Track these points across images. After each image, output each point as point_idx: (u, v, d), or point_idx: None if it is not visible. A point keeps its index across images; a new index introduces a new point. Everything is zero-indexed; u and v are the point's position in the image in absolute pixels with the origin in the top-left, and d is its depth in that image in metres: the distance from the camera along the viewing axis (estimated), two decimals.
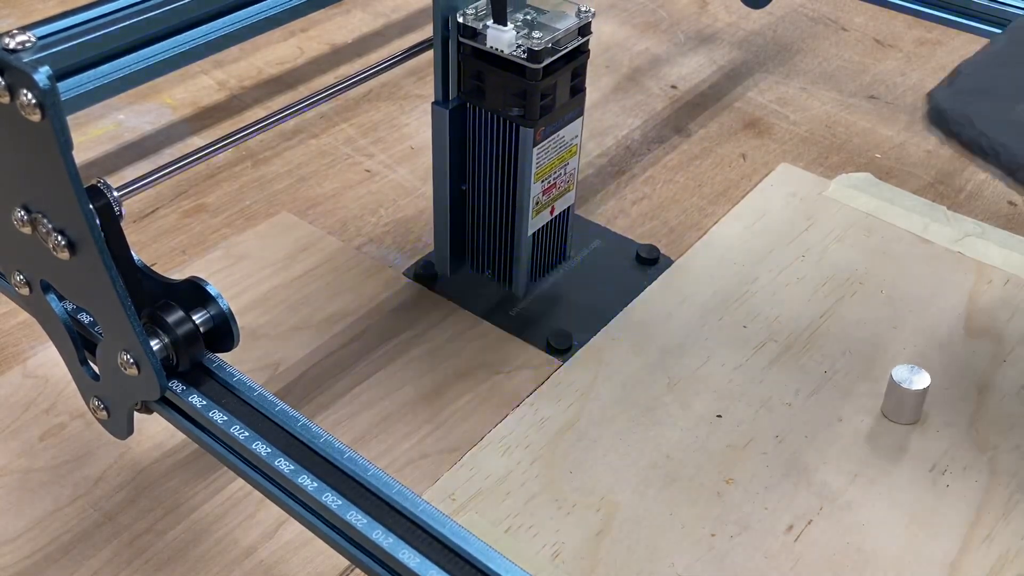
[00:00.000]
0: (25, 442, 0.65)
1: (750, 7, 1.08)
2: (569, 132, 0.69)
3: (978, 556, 0.60)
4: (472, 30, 0.65)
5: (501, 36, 0.63)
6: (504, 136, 0.67)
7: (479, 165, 0.70)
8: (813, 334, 0.73)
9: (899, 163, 0.92)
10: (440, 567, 0.42)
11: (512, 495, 0.62)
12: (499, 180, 0.70)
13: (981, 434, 0.67)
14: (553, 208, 0.72)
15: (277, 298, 0.76)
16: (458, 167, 0.71)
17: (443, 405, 0.68)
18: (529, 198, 0.69)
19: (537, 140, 0.66)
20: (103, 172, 0.88)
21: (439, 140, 0.70)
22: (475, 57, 0.66)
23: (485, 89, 0.67)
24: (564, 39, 0.65)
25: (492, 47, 0.64)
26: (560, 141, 0.69)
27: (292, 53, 1.05)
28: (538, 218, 0.71)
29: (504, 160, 0.69)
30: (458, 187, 0.72)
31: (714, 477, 0.63)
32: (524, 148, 0.67)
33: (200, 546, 0.59)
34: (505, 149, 0.68)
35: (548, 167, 0.69)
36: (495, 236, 0.73)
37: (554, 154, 0.69)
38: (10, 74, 0.39)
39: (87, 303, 0.48)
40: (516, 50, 0.63)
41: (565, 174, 0.71)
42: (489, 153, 0.69)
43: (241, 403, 0.49)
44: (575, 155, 0.71)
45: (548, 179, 0.69)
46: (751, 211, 0.85)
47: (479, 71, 0.66)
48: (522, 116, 0.66)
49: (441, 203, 0.73)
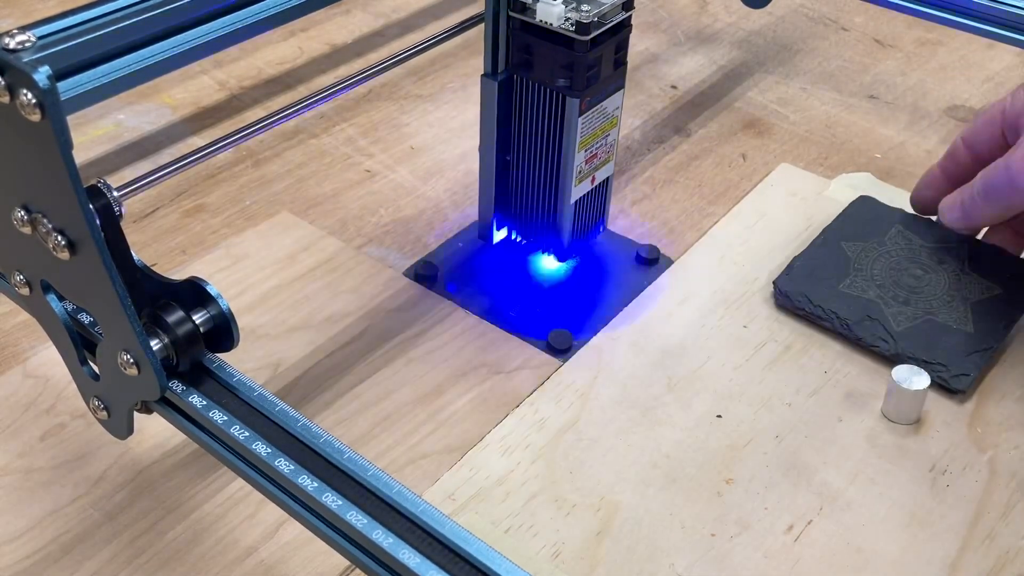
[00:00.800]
0: (25, 442, 0.65)
1: (750, 7, 1.08)
2: (611, 103, 0.71)
3: (978, 556, 0.60)
4: (522, 4, 0.67)
5: (551, 9, 0.65)
6: (550, 107, 0.70)
7: (524, 135, 0.72)
8: (813, 334, 0.73)
9: (899, 163, 0.92)
10: (440, 567, 0.42)
11: (512, 495, 0.62)
12: (544, 150, 0.72)
13: (981, 434, 0.67)
14: (594, 177, 0.74)
15: (277, 298, 0.76)
16: (504, 139, 0.73)
17: (443, 405, 0.68)
18: (573, 166, 0.71)
19: (582, 110, 0.69)
20: (103, 172, 0.88)
21: (487, 112, 0.72)
22: (523, 30, 0.68)
23: (533, 61, 0.69)
24: (610, 12, 0.67)
25: (541, 20, 0.66)
26: (603, 112, 0.71)
27: (292, 53, 1.05)
28: (580, 186, 0.73)
29: (549, 130, 0.71)
30: (503, 158, 0.74)
31: (714, 477, 0.63)
32: (570, 118, 0.69)
33: (200, 546, 0.59)
34: (551, 119, 0.70)
35: (591, 137, 0.71)
36: (539, 205, 0.75)
37: (597, 124, 0.71)
38: (10, 74, 0.39)
39: (87, 303, 0.48)
40: (564, 23, 0.66)
41: (606, 144, 0.73)
42: (535, 124, 0.71)
43: (241, 403, 0.49)
44: (616, 126, 0.73)
45: (591, 148, 0.72)
46: (751, 211, 0.85)
47: (527, 44, 0.68)
48: (568, 87, 0.68)
49: (487, 174, 0.75)
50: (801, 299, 0.74)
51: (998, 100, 0.75)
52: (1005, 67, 1.07)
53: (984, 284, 0.74)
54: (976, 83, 1.04)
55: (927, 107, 1.00)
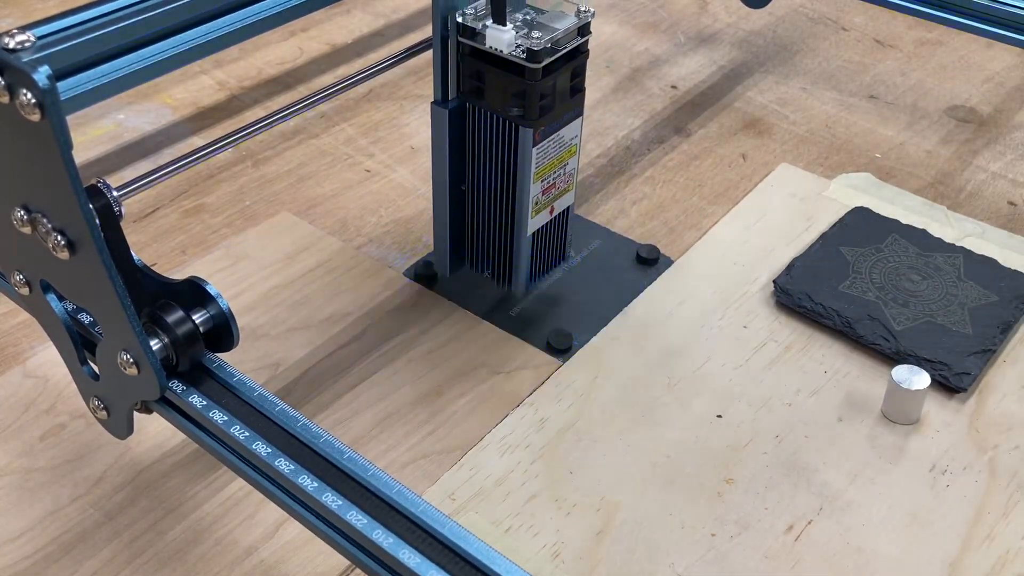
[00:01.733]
0: (25, 442, 0.65)
1: (750, 7, 1.08)
2: (568, 132, 0.69)
3: (978, 556, 0.60)
4: (472, 30, 0.65)
5: (501, 36, 0.63)
6: (503, 136, 0.67)
7: (478, 165, 0.70)
8: (813, 334, 0.73)
9: (899, 163, 0.92)
10: (440, 567, 0.42)
11: (512, 495, 0.62)
12: (499, 180, 0.70)
13: (981, 434, 0.67)
14: (552, 208, 0.72)
15: (277, 298, 0.76)
16: (457, 167, 0.71)
17: (443, 405, 0.68)
18: (528, 198, 0.69)
19: (536, 140, 0.66)
20: (103, 172, 0.88)
21: (439, 140, 0.70)
22: (474, 57, 0.66)
23: (484, 89, 0.67)
24: (563, 39, 0.64)
25: (491, 47, 0.64)
26: (559, 141, 0.69)
27: (292, 53, 1.05)
28: (537, 218, 0.71)
29: (503, 160, 0.69)
30: (458, 187, 0.72)
31: (714, 477, 0.63)
32: (523, 148, 0.67)
33: (200, 546, 0.59)
34: (504, 149, 0.68)
35: (547, 167, 0.69)
36: (495, 236, 0.73)
37: (553, 154, 0.69)
38: (10, 74, 0.39)
39: (87, 303, 0.48)
40: (515, 50, 0.63)
41: (564, 174, 0.71)
42: (488, 153, 0.69)
43: (241, 403, 0.49)
44: (575, 155, 0.71)
45: (548, 179, 0.69)
46: (751, 211, 0.85)
47: (478, 71, 0.66)
48: (521, 116, 0.66)
49: (441, 203, 0.73)
50: (802, 297, 0.74)
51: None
52: (1005, 67, 1.07)
53: (980, 291, 0.75)
54: (976, 83, 1.04)
55: (927, 107, 1.00)
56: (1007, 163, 0.93)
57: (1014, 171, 0.92)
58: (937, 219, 0.84)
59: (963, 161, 0.93)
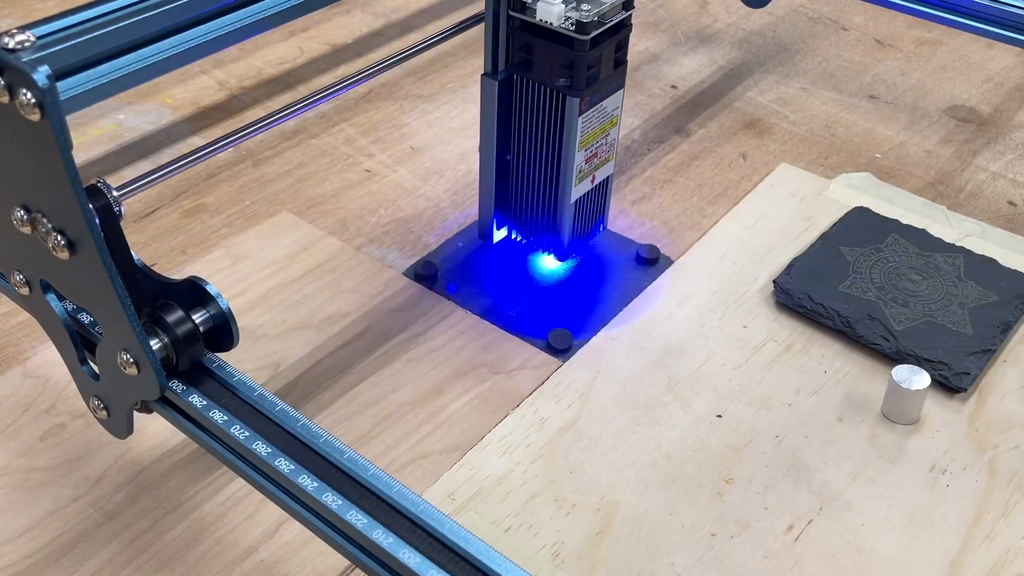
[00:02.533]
0: (25, 442, 0.65)
1: (750, 7, 1.08)
2: (611, 103, 0.72)
3: (978, 556, 0.60)
4: (522, 3, 0.67)
5: (551, 9, 0.66)
6: (550, 106, 0.70)
7: (524, 135, 0.73)
8: (813, 334, 0.73)
9: (899, 163, 0.92)
10: (440, 567, 0.42)
11: (512, 495, 0.62)
12: (544, 149, 0.72)
13: (981, 434, 0.67)
14: (594, 177, 0.74)
15: (277, 298, 0.76)
16: (503, 138, 0.74)
17: (443, 405, 0.68)
18: (573, 166, 0.71)
19: (582, 109, 0.69)
20: (103, 172, 0.88)
21: (487, 112, 0.72)
22: (524, 30, 0.68)
23: (533, 61, 0.69)
24: (610, 12, 0.67)
25: (542, 20, 0.66)
26: (603, 111, 0.71)
27: (292, 53, 1.05)
28: (580, 186, 0.73)
29: (549, 130, 0.71)
30: (503, 158, 0.74)
31: (714, 477, 0.63)
32: (570, 117, 0.69)
33: (200, 546, 0.59)
34: (551, 119, 0.70)
35: (591, 136, 0.71)
36: (539, 204, 0.75)
37: (596, 124, 0.71)
38: (9, 74, 0.39)
39: (87, 303, 0.48)
40: (565, 23, 0.66)
41: (606, 144, 0.73)
42: (535, 123, 0.71)
43: (241, 403, 0.49)
44: (616, 126, 0.74)
45: (591, 148, 0.72)
46: (751, 211, 0.85)
47: (527, 43, 0.68)
48: (568, 86, 0.68)
49: (487, 173, 0.75)
50: (802, 297, 0.74)
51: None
52: (1005, 67, 1.07)
53: (980, 291, 0.75)
54: (976, 83, 1.04)
55: (927, 107, 1.00)
56: (1007, 163, 0.93)
57: (1014, 171, 0.92)
58: (937, 219, 0.84)
59: (963, 161, 0.93)
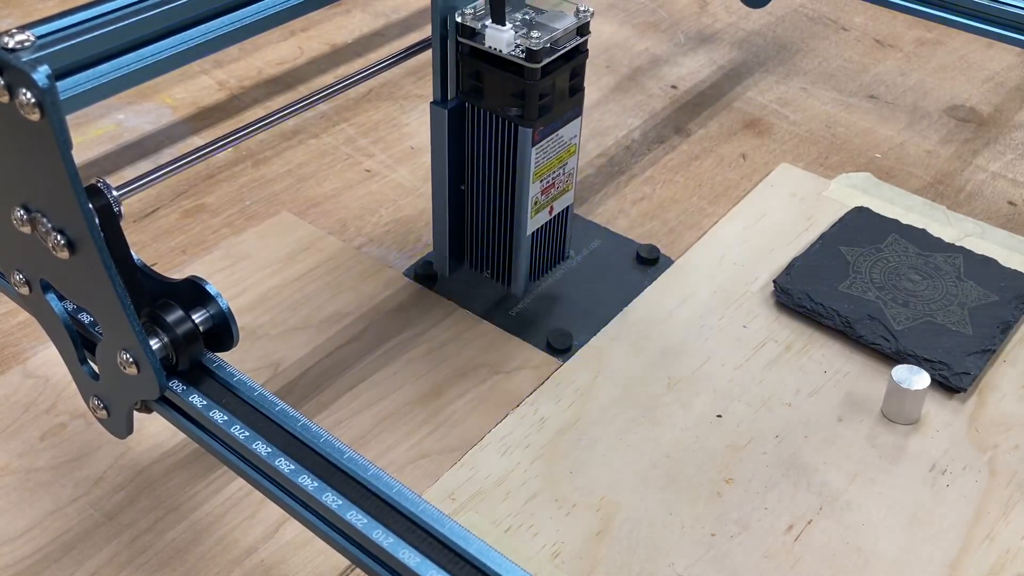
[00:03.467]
0: (25, 442, 0.65)
1: (750, 7, 1.08)
2: (568, 132, 0.69)
3: (978, 556, 0.60)
4: (471, 30, 0.65)
5: (500, 36, 0.63)
6: (503, 136, 0.67)
7: (478, 165, 0.70)
8: (813, 334, 0.73)
9: (899, 163, 0.92)
10: (440, 567, 0.42)
11: (512, 495, 0.62)
12: (498, 180, 0.70)
13: (981, 434, 0.67)
14: (552, 208, 0.72)
15: (277, 298, 0.76)
16: (457, 167, 0.71)
17: (443, 405, 0.68)
18: (528, 198, 0.69)
19: (535, 140, 0.66)
20: (103, 172, 0.88)
21: (438, 140, 0.70)
22: (473, 57, 0.66)
23: (484, 89, 0.67)
24: (563, 39, 0.65)
25: (491, 47, 0.64)
26: (559, 141, 0.69)
27: (292, 53, 1.05)
28: (537, 218, 0.71)
29: (503, 160, 0.69)
30: (457, 187, 0.72)
31: (714, 477, 0.63)
32: (523, 148, 0.67)
33: (200, 546, 0.59)
34: (504, 149, 0.68)
35: (547, 167, 0.69)
36: (494, 236, 0.73)
37: (552, 154, 0.69)
38: (9, 73, 0.39)
39: (87, 302, 0.48)
40: (515, 50, 0.63)
41: (564, 174, 0.71)
42: (488, 153, 0.69)
43: (241, 403, 0.49)
44: (574, 155, 0.71)
45: (547, 179, 0.70)
46: (751, 211, 0.85)
47: (478, 71, 0.66)
48: (520, 116, 0.66)
49: (440, 203, 0.73)
50: (802, 297, 0.74)
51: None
52: (1005, 67, 1.07)
53: (980, 291, 0.75)
54: (976, 83, 1.04)
55: (927, 107, 1.00)
56: (1007, 163, 0.93)
57: (1014, 171, 0.92)
58: (937, 219, 0.84)
59: (963, 161, 0.93)
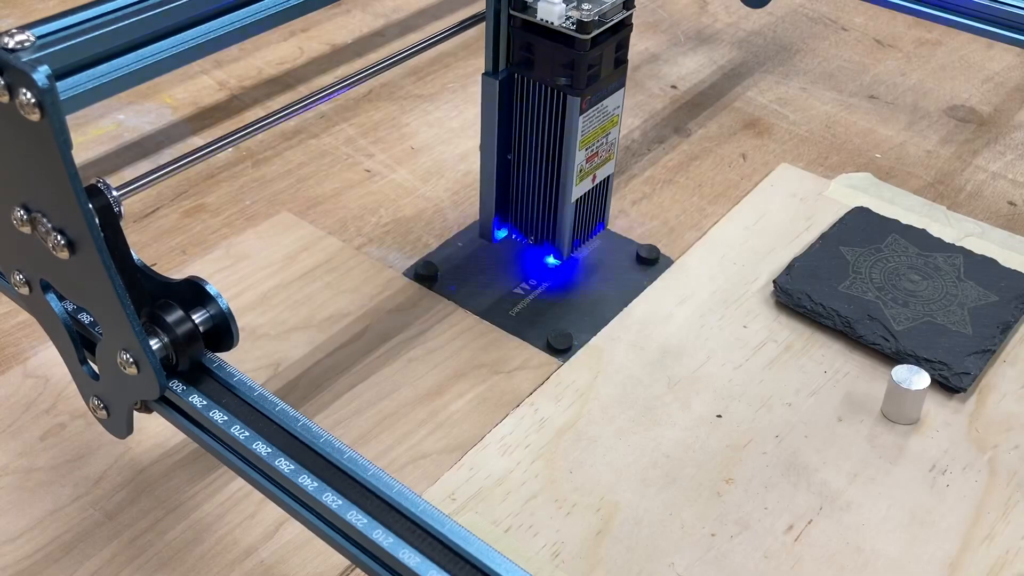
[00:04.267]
0: (25, 442, 0.65)
1: (750, 7, 1.08)
2: (612, 102, 0.72)
3: (978, 556, 0.60)
4: (523, 3, 0.67)
5: (552, 8, 0.66)
6: (551, 105, 0.70)
7: (525, 134, 0.72)
8: (813, 334, 0.73)
9: (899, 163, 0.92)
10: (440, 567, 0.42)
11: (512, 495, 0.62)
12: (545, 149, 0.72)
13: (981, 434, 0.67)
14: (595, 176, 0.74)
15: (277, 298, 0.76)
16: (505, 137, 0.73)
17: (443, 405, 0.68)
18: (574, 165, 0.71)
19: (583, 109, 0.69)
20: (103, 172, 0.88)
21: (488, 111, 0.72)
22: (525, 29, 0.68)
23: (534, 60, 0.69)
24: (610, 11, 0.67)
25: (543, 19, 0.66)
26: (603, 111, 0.71)
27: (292, 53, 1.05)
28: (581, 185, 0.73)
29: (551, 129, 0.71)
30: (504, 156, 0.74)
31: (714, 477, 0.63)
32: (570, 116, 0.69)
33: (200, 546, 0.59)
34: (552, 118, 0.70)
35: (592, 136, 0.71)
36: (540, 203, 0.75)
37: (597, 123, 0.71)
38: (9, 73, 0.39)
39: (86, 302, 0.48)
40: (566, 22, 0.66)
41: (607, 143, 0.73)
42: (536, 122, 0.71)
43: (241, 403, 0.49)
44: (616, 125, 0.73)
45: (592, 147, 0.72)
46: (751, 211, 0.85)
47: (529, 42, 0.68)
48: (569, 85, 0.68)
49: (488, 173, 0.75)
50: (802, 297, 0.74)
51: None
52: (1005, 67, 1.07)
53: (980, 291, 0.75)
54: (976, 83, 1.04)
55: (927, 107, 1.00)
56: (1007, 163, 0.93)
57: (1014, 171, 0.92)
58: (937, 219, 0.84)
59: (963, 161, 0.93)
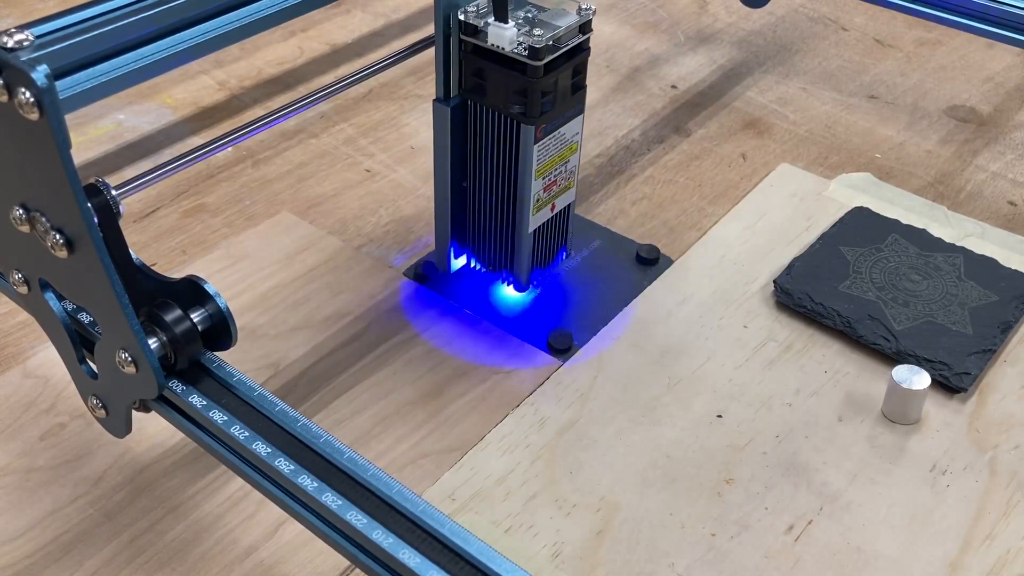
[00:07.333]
0: (25, 442, 0.65)
1: (750, 7, 1.08)
2: (570, 129, 0.69)
3: (978, 556, 0.60)
4: (473, 27, 0.65)
5: (502, 33, 0.63)
6: (505, 133, 0.67)
7: (480, 162, 0.70)
8: (813, 334, 0.73)
9: (899, 163, 0.92)
10: (440, 567, 0.42)
11: (512, 495, 0.62)
12: (500, 177, 0.70)
13: (981, 434, 0.67)
14: (554, 205, 0.72)
15: (277, 298, 0.76)
16: (459, 165, 0.71)
17: (443, 405, 0.68)
18: (530, 195, 0.69)
19: (538, 137, 0.67)
20: (103, 172, 0.88)
21: (440, 138, 0.70)
22: (476, 55, 0.66)
23: (486, 86, 0.67)
24: (565, 36, 0.65)
25: (493, 44, 0.64)
26: (561, 138, 0.69)
27: (292, 53, 1.05)
28: (539, 215, 0.71)
29: (505, 157, 0.69)
30: (459, 184, 0.72)
31: (714, 477, 0.63)
32: (525, 145, 0.67)
33: (200, 546, 0.59)
34: (506, 146, 0.68)
35: (549, 164, 0.69)
36: (497, 233, 0.73)
37: (555, 151, 0.69)
38: (8, 73, 0.39)
39: (85, 302, 0.48)
40: (517, 47, 0.63)
41: (566, 171, 0.71)
42: (490, 150, 0.69)
43: (241, 403, 0.49)
44: (575, 152, 0.71)
45: (549, 176, 0.70)
46: (751, 211, 0.85)
47: (480, 68, 0.66)
48: (523, 113, 0.66)
49: (442, 200, 0.73)
50: (802, 297, 0.74)
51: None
52: (1005, 67, 1.07)
53: (980, 291, 0.75)
54: (976, 83, 1.04)
55: (927, 107, 1.00)
56: (1007, 163, 0.93)
57: (1014, 171, 0.92)
58: (937, 219, 0.84)
59: (963, 161, 0.93)
